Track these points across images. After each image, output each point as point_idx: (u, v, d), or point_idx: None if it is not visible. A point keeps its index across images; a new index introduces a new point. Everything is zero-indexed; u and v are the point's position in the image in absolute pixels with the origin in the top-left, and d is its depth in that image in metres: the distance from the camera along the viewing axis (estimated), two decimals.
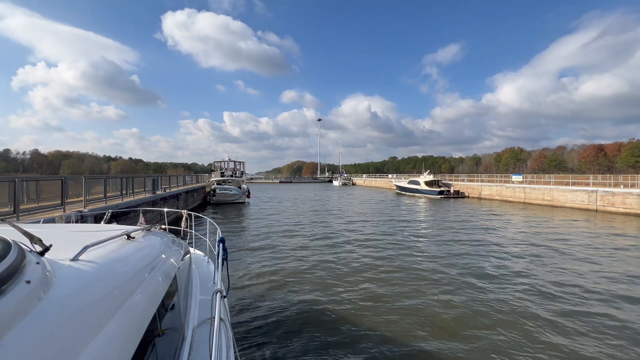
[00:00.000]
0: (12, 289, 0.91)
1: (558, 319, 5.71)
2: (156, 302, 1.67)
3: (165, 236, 2.59)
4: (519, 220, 18.11)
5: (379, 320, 5.75)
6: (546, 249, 10.83)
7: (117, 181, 13.84)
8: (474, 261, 9.32)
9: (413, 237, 13.12)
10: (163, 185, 19.83)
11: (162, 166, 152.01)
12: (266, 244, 11.87)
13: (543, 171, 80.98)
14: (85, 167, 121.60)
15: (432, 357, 4.65)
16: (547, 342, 4.95)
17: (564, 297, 6.66)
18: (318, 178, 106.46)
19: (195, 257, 4.39)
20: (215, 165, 35.92)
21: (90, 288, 1.22)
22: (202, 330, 2.59)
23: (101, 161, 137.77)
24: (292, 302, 6.56)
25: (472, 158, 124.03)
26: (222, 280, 2.67)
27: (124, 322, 1.24)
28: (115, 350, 1.13)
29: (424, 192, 36.90)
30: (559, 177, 30.93)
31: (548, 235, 13.29)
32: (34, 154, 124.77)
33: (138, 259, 1.77)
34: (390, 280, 7.74)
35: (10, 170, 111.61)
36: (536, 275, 8.03)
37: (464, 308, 6.18)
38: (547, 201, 26.18)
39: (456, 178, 45.60)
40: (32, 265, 1.08)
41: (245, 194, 29.75)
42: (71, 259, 1.34)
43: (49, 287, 1.06)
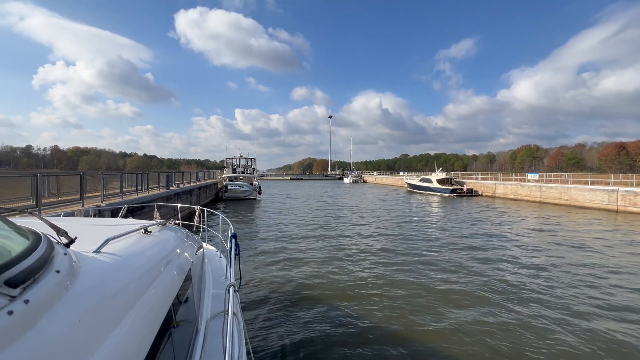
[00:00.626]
0: (44, 278, 0.96)
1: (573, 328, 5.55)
2: (172, 294, 1.71)
3: (180, 231, 2.64)
4: (536, 220, 17.65)
5: (386, 315, 5.74)
6: (567, 252, 10.52)
7: (132, 177, 14.15)
8: (491, 263, 9.15)
9: (425, 235, 12.98)
10: (177, 181, 20.18)
11: (176, 162, 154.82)
12: (277, 240, 11.96)
13: (560, 170, 78.54)
14: (102, 163, 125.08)
15: (447, 357, 4.60)
16: (560, 350, 4.82)
17: (583, 306, 6.46)
18: (329, 175, 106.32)
19: (208, 252, 4.47)
20: (227, 161, 36.36)
21: (112, 279, 1.27)
22: (215, 322, 2.64)
23: (117, 157, 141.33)
24: (301, 297, 6.62)
25: (486, 156, 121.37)
26: (234, 275, 2.70)
27: (143, 312, 1.28)
28: (136, 338, 1.17)
29: (436, 190, 36.38)
30: (577, 176, 29.94)
31: (568, 237, 12.91)
32: (54, 150, 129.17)
33: (155, 252, 1.82)
34: (399, 277, 7.68)
35: (32, 165, 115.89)
36: (558, 283, 7.80)
37: (480, 311, 6.08)
38: (564, 200, 25.41)
39: (469, 176, 44.74)
40: (60, 256, 1.13)
41: (257, 190, 30.00)
42: (94, 251, 1.40)
43: (76, 277, 1.11)
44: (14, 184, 8.19)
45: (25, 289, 0.88)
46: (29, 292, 0.88)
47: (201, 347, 2.22)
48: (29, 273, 0.91)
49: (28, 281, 0.90)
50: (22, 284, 0.87)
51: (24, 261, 0.94)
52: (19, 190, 7.89)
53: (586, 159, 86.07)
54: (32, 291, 0.88)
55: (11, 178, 8.69)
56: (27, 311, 0.82)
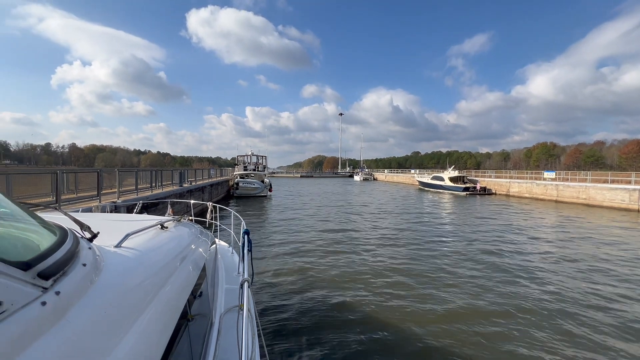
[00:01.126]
0: (72, 271, 1.00)
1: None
2: (189, 288, 1.75)
3: (193, 227, 2.68)
4: (554, 219, 17.21)
5: (397, 311, 5.72)
6: (586, 254, 10.24)
7: (147, 174, 14.48)
8: (505, 265, 8.98)
9: (437, 234, 12.83)
10: (189, 178, 20.52)
11: (188, 160, 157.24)
12: (287, 236, 12.03)
13: (578, 168, 76.01)
14: (117, 160, 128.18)
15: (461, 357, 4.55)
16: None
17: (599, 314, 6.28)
18: (339, 173, 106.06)
19: (220, 248, 4.53)
20: (239, 159, 36.69)
21: (133, 273, 1.31)
22: (229, 317, 2.69)
23: (132, 155, 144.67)
24: (313, 291, 6.67)
25: (500, 153, 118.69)
26: (247, 270, 2.74)
27: (162, 305, 1.31)
28: (156, 330, 1.21)
29: (448, 188, 35.84)
30: (596, 174, 28.93)
31: (588, 237, 12.54)
32: (72, 148, 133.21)
33: (171, 247, 1.86)
34: (409, 276, 7.62)
35: (51, 162, 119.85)
36: (577, 290, 7.60)
37: (493, 314, 5.98)
38: (582, 199, 24.65)
39: (482, 174, 43.87)
40: (85, 250, 1.17)
41: (267, 187, 30.21)
42: (115, 245, 1.43)
43: (100, 271, 1.15)
44: (36, 180, 8.50)
45: (55, 281, 0.91)
46: (60, 284, 0.91)
47: (216, 340, 2.27)
48: (58, 266, 0.95)
49: (58, 273, 0.94)
50: (53, 276, 0.91)
51: (54, 254, 0.97)
52: (41, 187, 8.19)
53: (606, 157, 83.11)
54: (62, 283, 0.92)
55: (33, 175, 9.01)
56: (58, 302, 0.86)
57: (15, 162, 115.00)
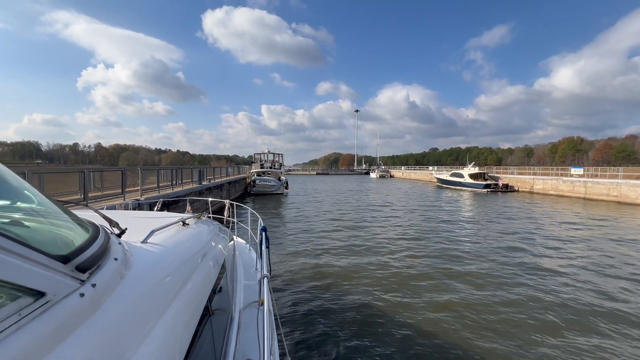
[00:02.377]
0: (105, 265, 1.05)
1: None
2: (210, 283, 1.80)
3: (212, 224, 2.74)
4: (586, 219, 16.43)
5: (414, 317, 5.61)
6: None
7: (167, 172, 14.89)
8: (533, 272, 8.66)
9: (459, 236, 12.53)
10: (208, 176, 20.95)
11: (207, 158, 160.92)
12: (304, 234, 12.08)
13: (608, 164, 72.07)
14: (139, 159, 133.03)
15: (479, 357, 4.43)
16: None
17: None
18: (355, 170, 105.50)
19: (238, 245, 4.62)
20: (255, 157, 37.13)
21: (159, 268, 1.35)
22: (248, 312, 2.75)
23: (153, 153, 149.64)
24: (329, 289, 6.69)
25: (523, 149, 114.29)
26: (265, 266, 2.78)
27: (186, 299, 1.36)
28: (182, 322, 1.25)
29: (468, 185, 34.88)
30: (628, 170, 27.37)
31: (621, 237, 11.90)
32: (98, 147, 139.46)
33: (193, 244, 1.90)
34: (428, 278, 7.47)
35: (79, 161, 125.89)
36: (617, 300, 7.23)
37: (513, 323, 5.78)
38: (613, 197, 23.38)
39: (504, 170, 42.41)
40: (115, 245, 1.22)
41: (284, 185, 30.44)
42: (141, 241, 1.49)
43: (130, 265, 1.20)
44: (65, 178, 8.92)
45: (91, 274, 0.95)
46: (95, 277, 0.96)
47: (236, 334, 2.33)
48: (93, 260, 0.99)
49: (93, 267, 0.98)
50: (89, 269, 0.95)
51: (89, 249, 1.02)
52: (70, 185, 8.59)
53: (639, 152, 78.44)
54: (97, 276, 0.96)
55: (63, 174, 9.46)
56: (95, 294, 0.90)
57: (46, 161, 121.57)
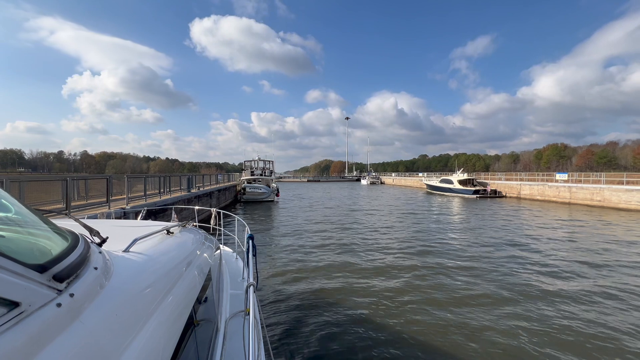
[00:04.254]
0: (85, 274, 1.03)
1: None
2: (195, 293, 1.77)
3: (198, 233, 2.71)
4: (571, 223, 16.79)
5: (399, 321, 5.60)
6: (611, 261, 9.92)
7: (155, 180, 14.64)
8: (522, 275, 8.75)
9: (450, 239, 12.61)
10: (197, 184, 20.68)
11: (196, 165, 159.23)
12: (293, 241, 11.95)
13: (590, 169, 74.36)
14: (127, 167, 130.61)
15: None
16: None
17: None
18: (346, 177, 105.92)
19: (225, 253, 4.58)
20: (246, 164, 36.92)
21: (141, 277, 1.33)
22: (234, 322, 2.71)
23: (141, 161, 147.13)
24: (317, 296, 6.62)
25: (510, 155, 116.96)
26: (252, 275, 2.74)
27: (170, 309, 1.33)
28: (165, 334, 1.22)
29: (458, 191, 35.36)
30: (610, 176, 28.20)
31: (607, 241, 12.18)
32: (84, 155, 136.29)
33: (178, 252, 1.88)
34: (417, 282, 7.46)
35: (64, 169, 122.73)
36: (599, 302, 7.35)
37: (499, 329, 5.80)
38: (596, 202, 24.02)
39: (492, 176, 43.21)
40: (96, 254, 1.19)
41: (275, 192, 30.26)
42: (123, 250, 1.46)
43: (110, 274, 1.17)
44: (48, 187, 8.64)
45: (69, 283, 0.94)
46: (73, 286, 0.93)
47: (221, 345, 2.29)
48: (71, 269, 0.97)
49: (72, 276, 0.96)
50: (67, 278, 0.93)
51: (67, 258, 0.99)
52: (52, 194, 8.33)
53: (619, 158, 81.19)
54: (75, 286, 0.94)
55: (45, 182, 9.16)
56: (72, 304, 0.88)
57: (29, 169, 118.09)
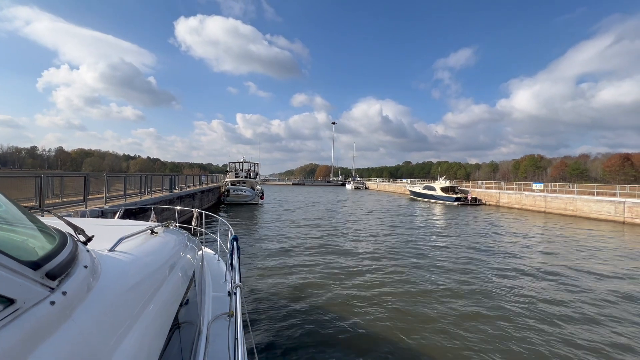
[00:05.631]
0: (75, 272, 1.01)
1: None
2: (180, 294, 1.76)
3: (181, 233, 2.68)
4: (543, 230, 17.45)
5: (384, 321, 5.70)
6: (572, 266, 10.36)
7: (136, 179, 14.17)
8: (497, 275, 9.00)
9: (432, 244, 12.83)
10: (180, 184, 20.19)
11: (179, 166, 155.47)
12: (277, 244, 11.86)
13: (564, 180, 77.84)
14: (105, 165, 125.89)
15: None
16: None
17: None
18: (331, 181, 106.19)
19: (207, 255, 4.53)
20: (230, 166, 36.39)
21: (128, 276, 1.32)
22: (217, 324, 2.70)
23: (120, 160, 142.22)
24: (301, 300, 6.62)
25: (489, 165, 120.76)
26: (236, 277, 2.70)
27: (157, 309, 1.32)
28: (153, 334, 1.22)
29: (440, 198, 36.16)
30: (582, 187, 29.63)
31: (576, 248, 12.73)
32: (59, 152, 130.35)
33: (163, 253, 1.86)
34: (398, 285, 7.55)
35: (37, 166, 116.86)
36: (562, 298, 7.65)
37: (474, 321, 5.94)
38: (569, 211, 25.15)
39: (473, 185, 44.48)
40: (84, 252, 1.18)
41: (259, 195, 29.98)
42: (109, 249, 1.44)
43: (99, 273, 1.16)
44: (19, 184, 8.19)
45: (61, 281, 0.92)
46: (65, 284, 0.93)
47: (204, 348, 2.26)
48: (63, 267, 0.96)
49: (63, 274, 0.95)
50: (59, 276, 0.92)
51: (58, 256, 0.98)
52: (24, 191, 7.88)
53: (590, 170, 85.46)
54: (67, 284, 0.93)
55: (17, 178, 8.69)
56: (65, 302, 0.88)
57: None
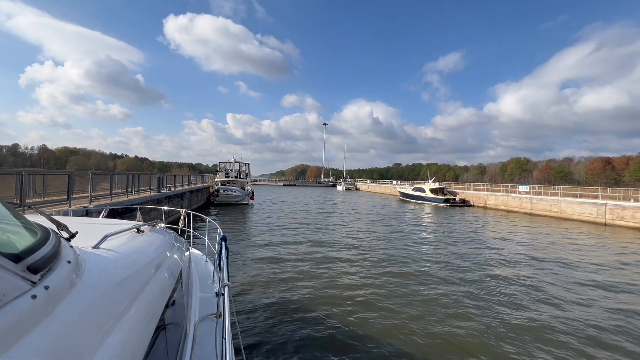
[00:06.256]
0: (58, 267, 1.00)
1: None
2: (167, 294, 1.73)
3: (168, 233, 2.65)
4: (529, 231, 17.84)
5: (373, 320, 5.73)
6: (555, 264, 10.61)
7: (123, 178, 13.86)
8: (486, 274, 9.15)
9: (421, 244, 12.96)
10: (168, 184, 19.84)
11: (167, 165, 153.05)
12: (266, 245, 11.79)
13: (549, 182, 79.88)
14: (91, 164, 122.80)
15: None
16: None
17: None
18: (322, 182, 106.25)
19: (194, 256, 4.48)
20: (221, 166, 35.99)
21: (113, 274, 1.30)
22: (204, 325, 2.67)
23: (107, 158, 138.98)
24: (289, 302, 6.60)
25: (477, 167, 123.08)
26: (224, 277, 2.68)
27: (142, 307, 1.30)
28: (137, 334, 1.19)
29: (429, 199, 36.60)
30: (566, 189, 30.45)
31: (559, 248, 13.05)
32: (42, 150, 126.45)
33: (149, 252, 1.85)
34: (388, 286, 7.60)
35: (19, 164, 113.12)
36: (546, 293, 7.83)
37: (462, 320, 6.02)
38: (554, 213, 25.80)
39: (461, 186, 45.20)
40: (67, 248, 1.17)
41: (249, 195, 29.73)
42: (93, 246, 1.43)
43: (82, 270, 1.15)
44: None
45: (43, 275, 0.91)
46: (47, 279, 0.91)
47: (190, 349, 2.23)
48: (45, 261, 0.95)
49: (45, 269, 0.94)
50: (41, 270, 0.91)
51: (40, 250, 0.97)
52: (5, 189, 7.61)
53: (574, 173, 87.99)
54: (49, 278, 0.92)
55: None
56: (48, 296, 0.86)
57: None
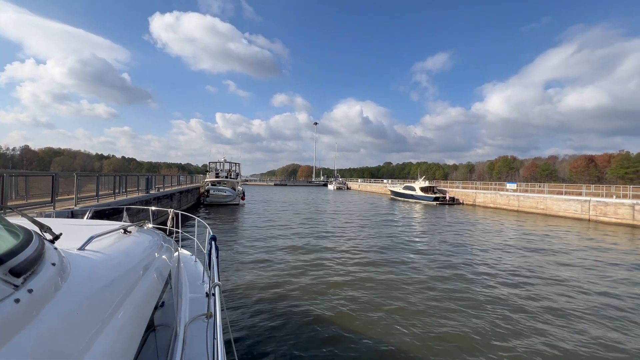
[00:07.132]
0: (42, 270, 0.98)
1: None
2: (156, 295, 1.71)
3: (156, 234, 2.61)
4: (517, 227, 18.20)
5: (363, 317, 5.77)
6: (542, 258, 10.85)
7: (109, 179, 13.54)
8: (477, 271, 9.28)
9: (412, 241, 13.06)
10: (157, 184, 19.49)
11: (156, 166, 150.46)
12: (257, 245, 11.69)
13: (535, 180, 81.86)
14: (76, 165, 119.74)
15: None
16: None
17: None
18: (313, 181, 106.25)
19: (183, 256, 4.43)
20: (210, 166, 35.56)
21: (100, 275, 1.26)
22: (194, 326, 2.65)
23: (93, 159, 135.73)
24: (280, 300, 6.58)
25: (466, 165, 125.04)
26: (214, 277, 2.66)
27: (130, 310, 1.27)
28: (126, 337, 1.17)
29: (420, 198, 36.97)
30: (552, 187, 31.22)
31: (546, 244, 13.35)
32: (24, 150, 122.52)
33: (136, 253, 1.80)
34: (379, 283, 7.63)
35: (0, 165, 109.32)
36: (533, 286, 7.99)
37: (450, 314, 6.09)
38: (540, 210, 26.41)
39: (451, 185, 45.84)
40: (51, 250, 1.14)
41: (240, 195, 29.46)
42: (78, 248, 1.39)
43: (68, 272, 1.12)
44: None
45: (26, 279, 0.89)
46: (31, 282, 0.89)
47: (181, 351, 2.21)
48: (28, 264, 0.93)
49: (28, 272, 0.92)
50: (24, 273, 0.89)
51: (22, 253, 0.95)
52: None
53: (558, 170, 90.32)
54: (33, 281, 0.90)
55: None
56: (31, 300, 0.84)
57: None
